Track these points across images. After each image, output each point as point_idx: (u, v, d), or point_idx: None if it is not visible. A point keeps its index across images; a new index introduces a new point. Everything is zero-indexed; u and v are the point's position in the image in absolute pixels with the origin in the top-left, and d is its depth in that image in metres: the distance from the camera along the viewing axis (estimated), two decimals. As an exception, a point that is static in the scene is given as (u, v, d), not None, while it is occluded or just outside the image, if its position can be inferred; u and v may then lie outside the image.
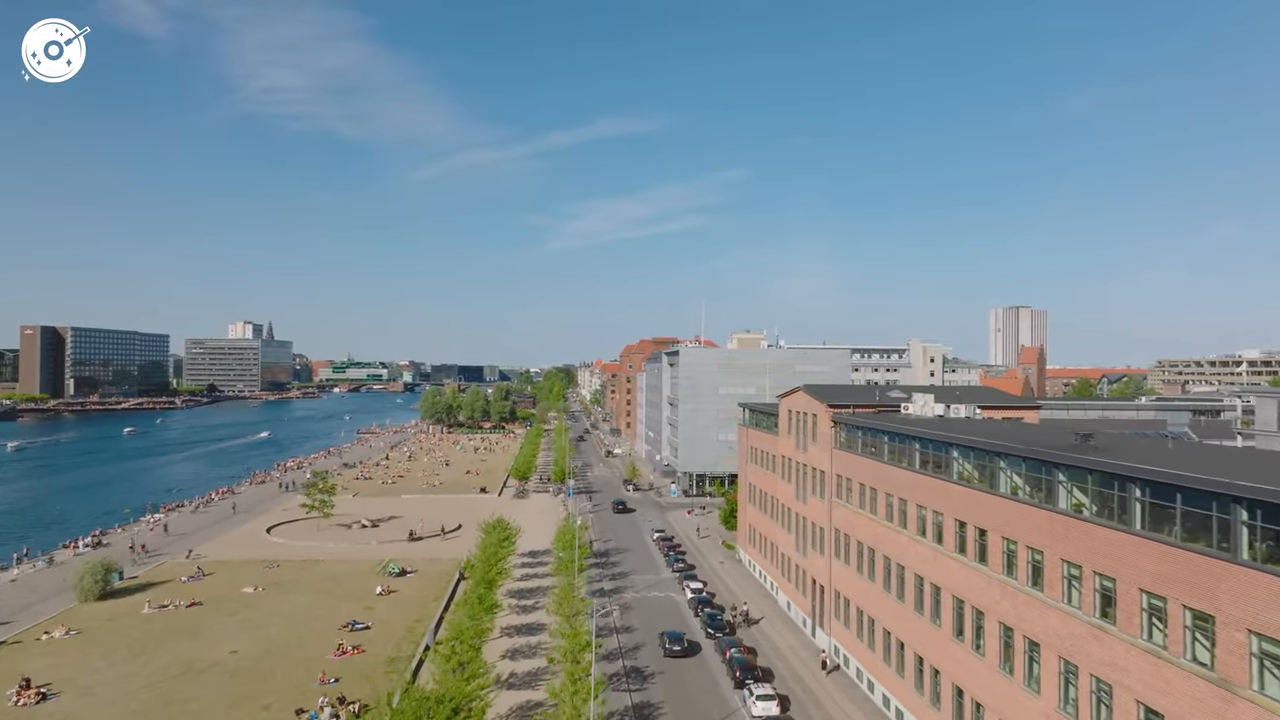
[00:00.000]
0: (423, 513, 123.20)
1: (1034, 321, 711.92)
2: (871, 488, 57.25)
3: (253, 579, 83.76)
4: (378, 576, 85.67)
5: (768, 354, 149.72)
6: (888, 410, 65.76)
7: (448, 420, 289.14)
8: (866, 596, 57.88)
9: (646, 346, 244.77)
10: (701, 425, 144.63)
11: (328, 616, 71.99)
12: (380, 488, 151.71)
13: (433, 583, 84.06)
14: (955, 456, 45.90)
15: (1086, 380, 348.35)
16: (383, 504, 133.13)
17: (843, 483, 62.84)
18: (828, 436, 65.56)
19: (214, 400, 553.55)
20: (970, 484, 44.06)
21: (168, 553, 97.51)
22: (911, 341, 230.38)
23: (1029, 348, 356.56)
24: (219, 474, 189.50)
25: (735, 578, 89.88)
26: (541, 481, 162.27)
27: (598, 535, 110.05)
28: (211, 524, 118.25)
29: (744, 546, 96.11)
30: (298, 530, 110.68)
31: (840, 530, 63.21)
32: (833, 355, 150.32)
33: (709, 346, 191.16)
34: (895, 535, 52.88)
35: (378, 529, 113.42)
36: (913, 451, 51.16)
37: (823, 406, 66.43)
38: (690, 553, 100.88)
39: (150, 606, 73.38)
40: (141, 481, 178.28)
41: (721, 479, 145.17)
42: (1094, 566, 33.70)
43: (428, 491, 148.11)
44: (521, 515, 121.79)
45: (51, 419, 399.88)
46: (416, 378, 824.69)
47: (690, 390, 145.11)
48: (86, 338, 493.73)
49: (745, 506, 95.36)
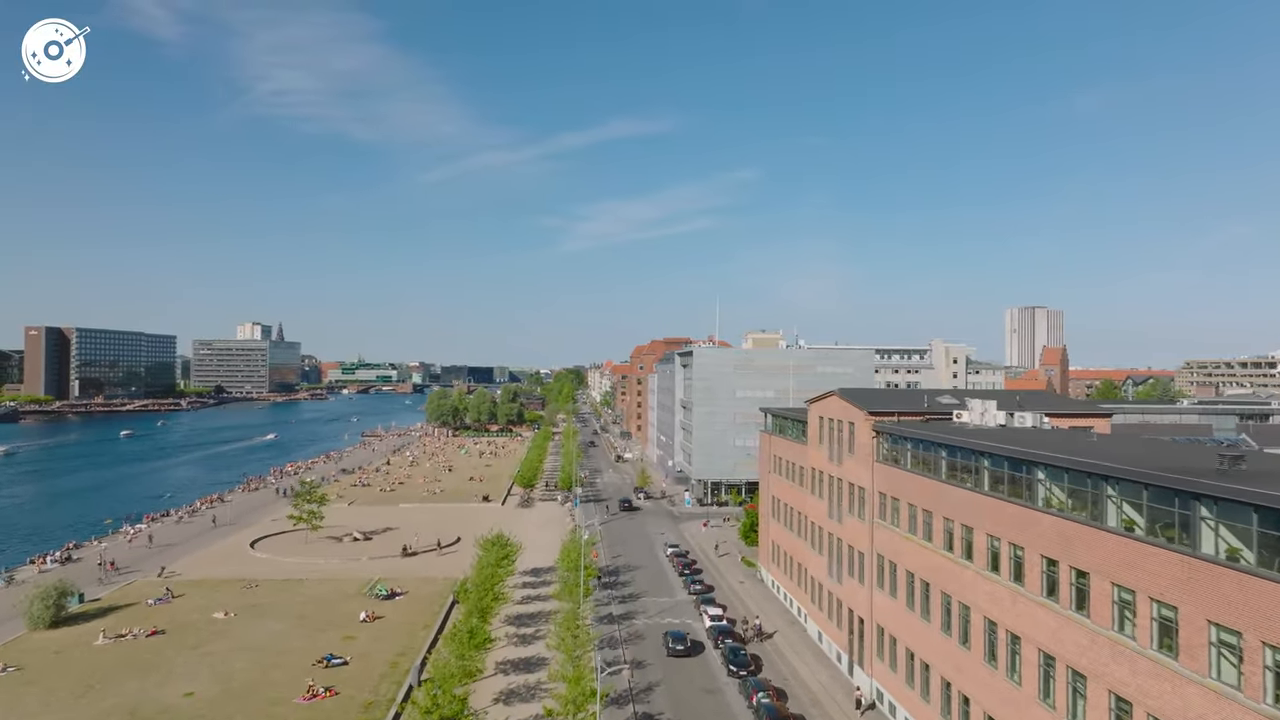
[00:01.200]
0: (420, 524, 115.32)
1: (1050, 322, 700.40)
2: (925, 510, 48.88)
3: (226, 602, 75.98)
4: (364, 599, 77.73)
5: (787, 354, 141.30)
6: (938, 418, 57.38)
7: (454, 423, 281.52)
8: (918, 636, 49.49)
9: (658, 347, 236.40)
10: (717, 430, 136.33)
11: (302, 649, 64.07)
12: (377, 496, 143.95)
13: (423, 607, 76.03)
14: (1042, 479, 37.52)
15: (1110, 382, 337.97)
16: (378, 514, 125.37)
17: (887, 502, 54.50)
18: (868, 448, 57.22)
19: (220, 402, 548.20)
20: (1065, 514, 35.66)
21: (139, 570, 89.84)
22: (933, 342, 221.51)
23: (1051, 348, 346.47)
24: (214, 479, 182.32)
25: (757, 600, 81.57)
26: (548, 488, 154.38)
27: (606, 549, 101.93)
28: (195, 535, 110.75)
29: (766, 565, 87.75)
30: (284, 544, 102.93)
31: (884, 556, 54.85)
32: (855, 356, 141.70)
33: (723, 347, 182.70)
34: (957, 568, 44.51)
35: (370, 542, 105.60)
36: (980, 469, 42.79)
37: (862, 414, 58.10)
38: (707, 570, 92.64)
39: (105, 636, 65.60)
40: (131, 488, 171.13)
41: (738, 487, 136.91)
42: (1262, 635, 25.33)
43: (427, 500, 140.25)
44: (525, 527, 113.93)
45: (54, 421, 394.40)
46: (426, 379, 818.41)
47: (705, 393, 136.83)
48: (92, 339, 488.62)
49: (768, 521, 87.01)
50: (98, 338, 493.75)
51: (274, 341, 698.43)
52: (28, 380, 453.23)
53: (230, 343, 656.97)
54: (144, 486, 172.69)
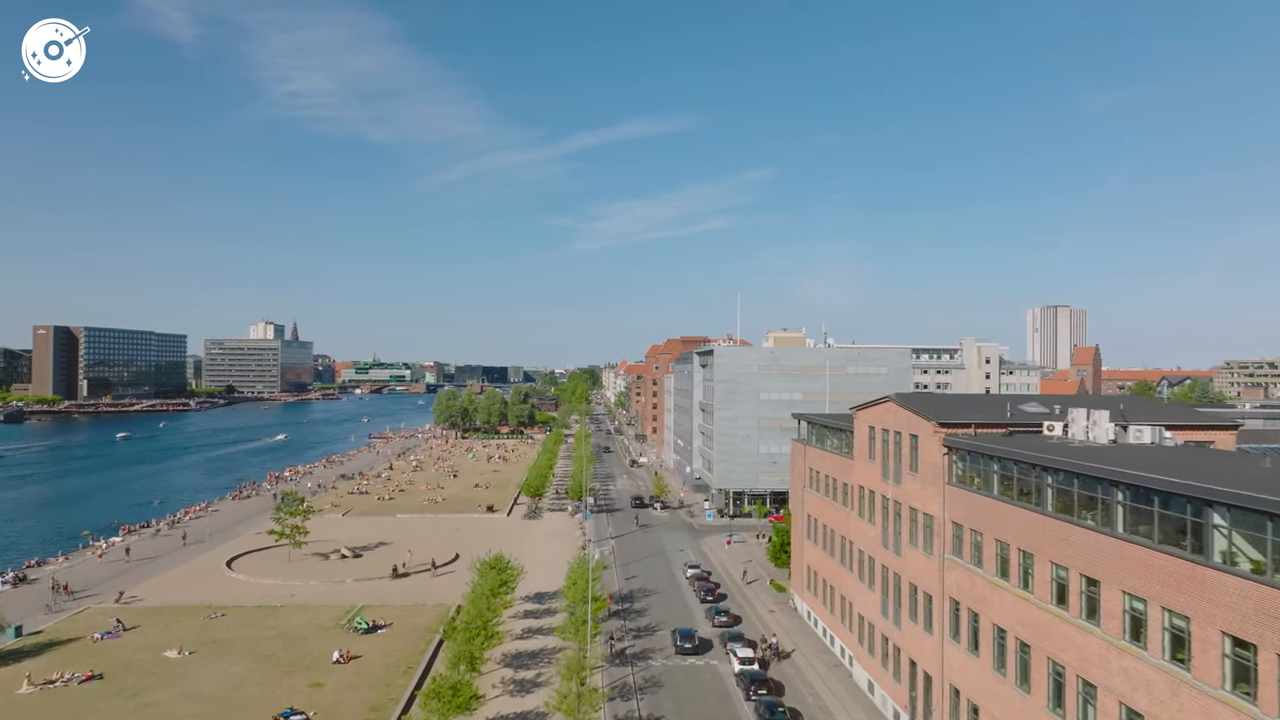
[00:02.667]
0: (416, 539, 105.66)
1: (1073, 321, 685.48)
2: (1022, 550, 38.45)
3: (183, 636, 66.34)
4: (340, 634, 67.92)
5: (817, 354, 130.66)
6: (1024, 431, 46.87)
7: (463, 425, 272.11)
8: (1012, 710, 39.02)
9: (674, 346, 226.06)
10: (740, 435, 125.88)
11: (259, 698, 54.25)
12: (374, 505, 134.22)
13: (409, 644, 66.08)
14: (1221, 525, 27.03)
15: (1145, 383, 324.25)
16: (373, 526, 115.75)
17: (964, 535, 44.07)
18: (936, 467, 46.79)
19: (231, 402, 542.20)
20: (1265, 579, 25.15)
21: (97, 594, 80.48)
22: (964, 340, 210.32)
23: (1083, 348, 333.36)
24: (210, 484, 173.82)
25: (790, 632, 71.21)
26: (558, 495, 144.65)
27: (619, 570, 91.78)
28: (171, 551, 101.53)
29: (800, 593, 77.27)
30: (264, 562, 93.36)
31: (959, 602, 44.42)
32: (890, 355, 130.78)
33: (745, 346, 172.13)
34: (1074, 631, 34.04)
35: (360, 560, 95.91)
36: (1111, 504, 32.32)
37: (929, 425, 47.64)
38: (732, 596, 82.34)
39: (30, 683, 55.91)
40: (120, 495, 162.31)
41: (762, 497, 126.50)
42: None
43: (427, 510, 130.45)
44: (530, 542, 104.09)
45: (61, 421, 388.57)
46: (440, 379, 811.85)
47: (727, 395, 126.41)
48: (100, 338, 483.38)
49: (802, 543, 76.54)
50: (107, 337, 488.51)
51: (286, 341, 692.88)
52: (36, 380, 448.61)
53: (242, 342, 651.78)
54: (133, 493, 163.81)
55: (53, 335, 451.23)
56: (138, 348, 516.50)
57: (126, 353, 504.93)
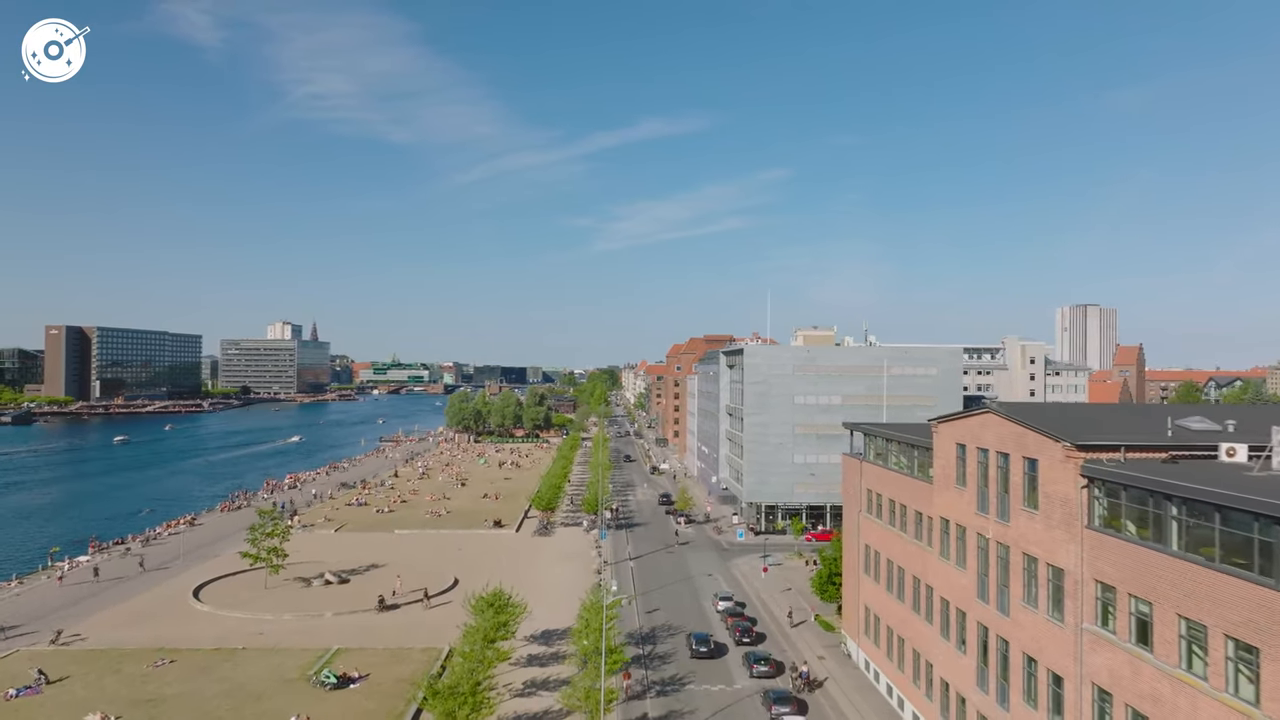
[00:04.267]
0: (413, 559, 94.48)
1: (1103, 320, 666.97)
2: (1232, 638, 26.19)
3: (115, 692, 55.16)
4: (304, 687, 56.46)
5: (858, 353, 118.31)
6: (1191, 456, 34.47)
7: (475, 428, 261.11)
8: None
9: (697, 346, 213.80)
10: (773, 444, 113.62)
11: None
12: (372, 519, 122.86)
13: (383, 704, 54.39)
14: None
15: (1191, 384, 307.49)
16: (367, 543, 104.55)
17: (1118, 602, 31.79)
18: (1070, 503, 34.55)
19: (246, 403, 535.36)
20: None
21: (34, 631, 69.53)
22: (1006, 339, 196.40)
23: (1125, 348, 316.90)
24: (207, 492, 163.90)
25: (845, 686, 59.02)
26: (573, 506, 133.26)
27: (640, 602, 79.83)
28: (139, 574, 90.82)
29: (855, 637, 64.92)
30: (237, 590, 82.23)
31: (1109, 694, 32.16)
32: (940, 355, 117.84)
33: (775, 345, 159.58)
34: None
35: (347, 586, 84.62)
36: None
37: (1058, 447, 35.33)
38: (773, 637, 70.20)
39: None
40: (106, 505, 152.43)
41: (798, 512, 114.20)
42: None
43: (429, 525, 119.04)
44: (539, 565, 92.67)
45: (71, 423, 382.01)
46: (459, 379, 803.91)
47: (759, 399, 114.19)
48: (114, 338, 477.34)
49: (858, 577, 64.23)
50: (120, 337, 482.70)
51: (303, 341, 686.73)
52: (48, 381, 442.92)
53: (258, 342, 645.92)
54: (121, 502, 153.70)
55: (65, 335, 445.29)
56: (152, 348, 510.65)
57: (140, 353, 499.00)
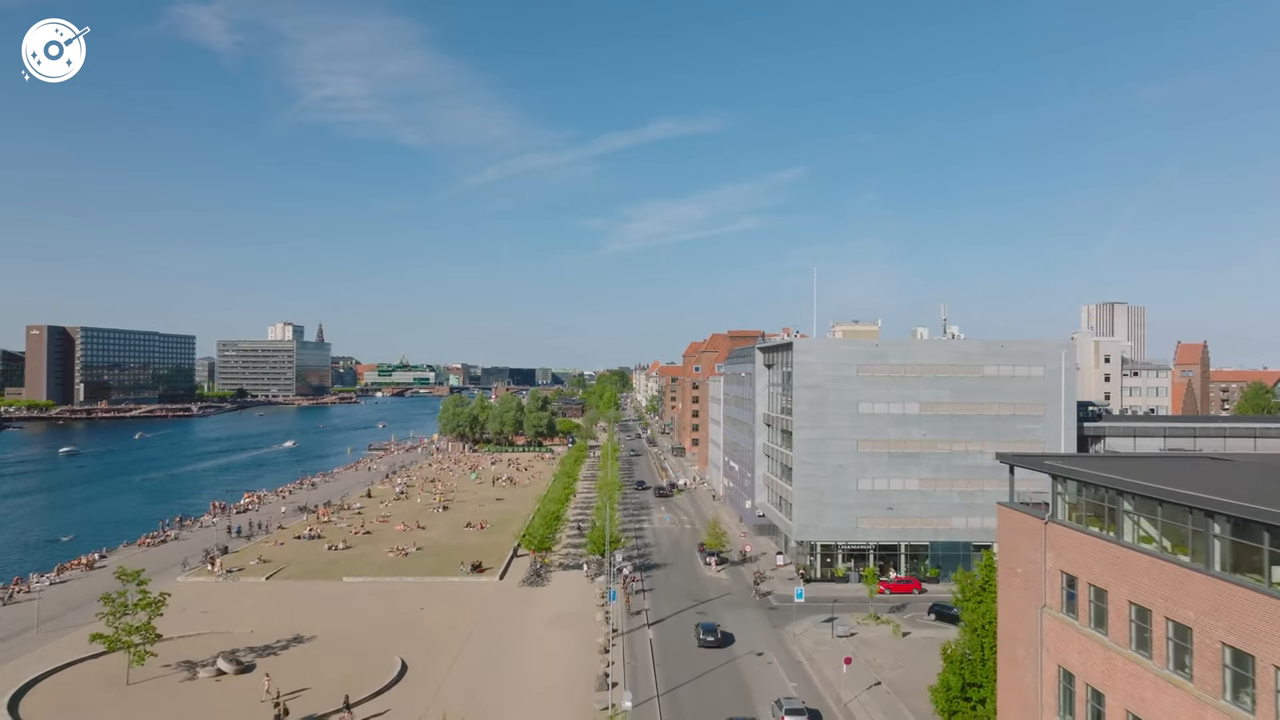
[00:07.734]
0: (351, 628, 69.10)
1: (1130, 319, 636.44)
2: None
3: None
4: None
5: (943, 347, 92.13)
6: None
7: (471, 436, 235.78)
8: None
9: (720, 343, 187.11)
10: (831, 465, 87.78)
11: None
12: (320, 561, 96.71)
13: None
14: None
15: (1260, 385, 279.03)
16: (301, 600, 79.16)
17: None
18: None
19: (240, 406, 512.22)
20: None
21: None
22: (1076, 335, 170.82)
23: (1188, 346, 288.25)
24: (150, 514, 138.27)
25: None
26: (577, 533, 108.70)
27: (663, 701, 53.94)
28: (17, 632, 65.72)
29: (1029, 812, 38.75)
30: (83, 689, 56.91)
31: None
32: (1046, 351, 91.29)
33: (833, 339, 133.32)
34: None
35: (243, 680, 59.18)
36: None
37: None
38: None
39: None
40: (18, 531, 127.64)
41: (865, 554, 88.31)
42: None
43: (389, 569, 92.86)
44: (525, 636, 66.89)
45: (51, 429, 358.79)
46: (466, 381, 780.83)
47: (812, 407, 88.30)
48: (99, 339, 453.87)
49: (1035, 709, 38.09)
50: (106, 338, 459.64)
51: (304, 342, 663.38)
52: (29, 384, 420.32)
53: (256, 343, 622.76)
54: (34, 530, 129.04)
55: (47, 336, 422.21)
56: (141, 349, 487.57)
57: (129, 355, 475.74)
